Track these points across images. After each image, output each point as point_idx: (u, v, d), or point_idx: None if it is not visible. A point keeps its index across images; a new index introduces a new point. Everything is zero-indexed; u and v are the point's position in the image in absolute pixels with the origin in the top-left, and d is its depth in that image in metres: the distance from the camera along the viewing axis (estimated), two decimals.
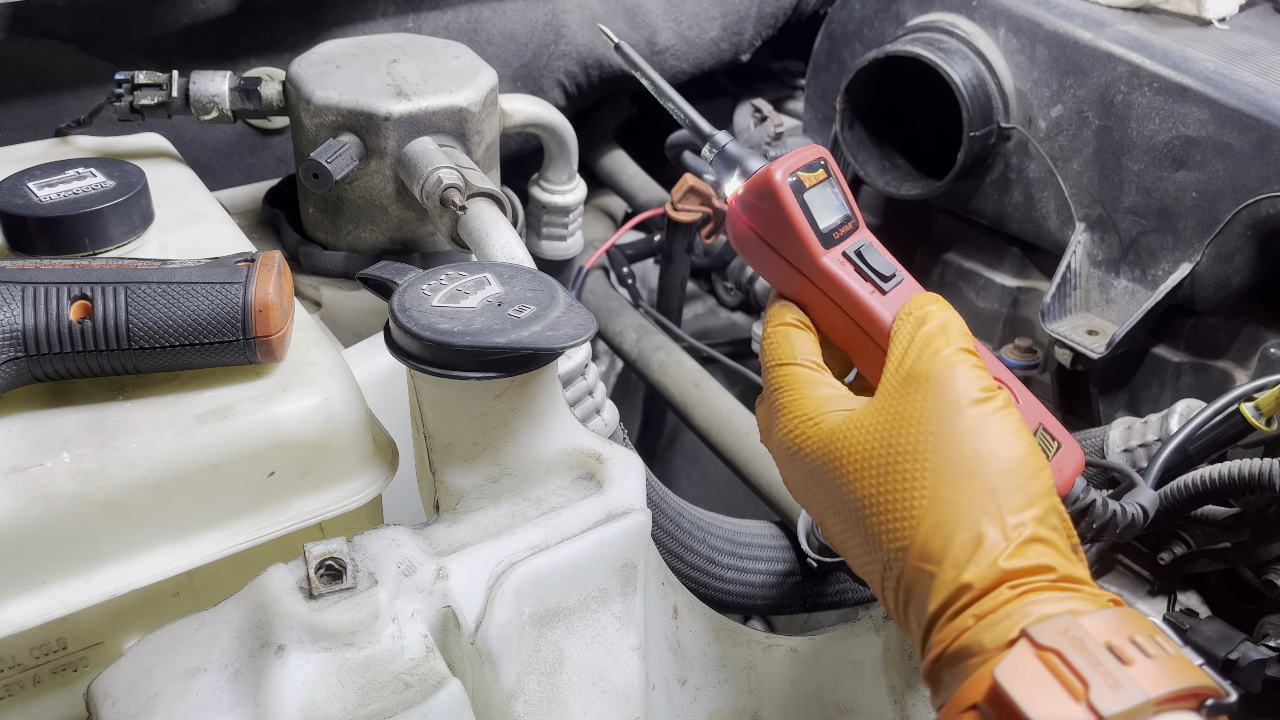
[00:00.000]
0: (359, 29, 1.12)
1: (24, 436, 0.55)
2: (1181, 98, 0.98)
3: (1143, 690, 0.39)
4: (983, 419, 0.47)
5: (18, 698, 0.56)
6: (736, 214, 0.58)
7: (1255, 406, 0.69)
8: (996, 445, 0.46)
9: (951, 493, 0.45)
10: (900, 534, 0.46)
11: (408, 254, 0.88)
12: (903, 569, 0.46)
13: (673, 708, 0.66)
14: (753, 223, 0.57)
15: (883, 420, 0.49)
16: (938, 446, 0.46)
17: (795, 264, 0.56)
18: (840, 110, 1.17)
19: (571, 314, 0.55)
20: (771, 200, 0.55)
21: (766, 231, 0.57)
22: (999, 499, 0.45)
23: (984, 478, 0.45)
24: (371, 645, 0.50)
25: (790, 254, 0.56)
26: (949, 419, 0.47)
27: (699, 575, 0.85)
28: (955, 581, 0.44)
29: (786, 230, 0.56)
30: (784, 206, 0.55)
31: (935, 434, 0.47)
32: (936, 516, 0.45)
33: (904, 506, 0.46)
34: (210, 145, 1.07)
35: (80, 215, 0.65)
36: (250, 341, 0.57)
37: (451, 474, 0.58)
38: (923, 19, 1.16)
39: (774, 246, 0.57)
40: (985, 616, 0.43)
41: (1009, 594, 0.43)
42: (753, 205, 0.57)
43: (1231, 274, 0.98)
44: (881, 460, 0.48)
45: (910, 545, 0.45)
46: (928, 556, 0.45)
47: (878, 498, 0.47)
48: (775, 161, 0.56)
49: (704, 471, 1.38)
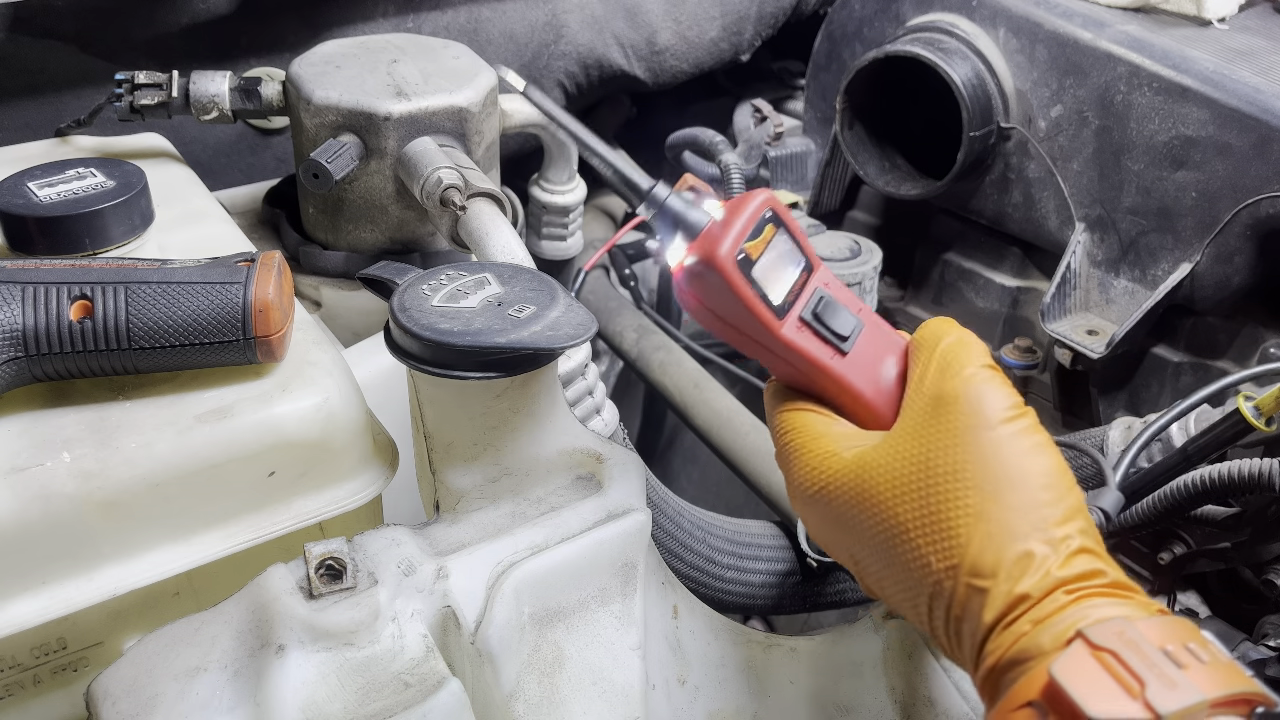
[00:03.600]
0: (359, 29, 1.12)
1: (24, 436, 0.55)
2: (1181, 98, 0.98)
3: (1199, 690, 0.39)
4: (1016, 436, 0.47)
5: (18, 697, 0.56)
6: (682, 288, 0.53)
7: (1255, 406, 0.69)
8: (1032, 461, 0.47)
9: (997, 509, 0.46)
10: (948, 553, 0.46)
11: (408, 254, 0.88)
12: (955, 588, 0.46)
13: (673, 708, 0.66)
14: (702, 298, 0.52)
15: (915, 444, 0.49)
16: (977, 465, 0.47)
17: (752, 336, 0.53)
18: (840, 110, 1.17)
19: (571, 314, 0.55)
20: (719, 281, 0.51)
21: (718, 307, 0.52)
22: (1043, 513, 0.45)
23: (1026, 492, 0.46)
24: (371, 645, 0.50)
25: (746, 329, 0.53)
26: (984, 437, 0.47)
27: (699, 575, 0.85)
28: (1011, 593, 0.44)
29: (738, 309, 0.51)
30: (734, 290, 0.51)
31: (973, 453, 0.47)
32: (985, 533, 0.45)
33: (949, 526, 0.46)
34: (210, 145, 1.07)
35: (80, 215, 0.65)
36: (250, 341, 0.57)
37: (451, 474, 0.58)
38: (923, 19, 1.16)
39: (728, 322, 0.53)
40: (1043, 621, 0.43)
41: (1064, 599, 0.43)
42: (700, 279, 0.51)
43: (1231, 274, 0.98)
44: (920, 483, 0.48)
45: (960, 563, 0.45)
46: (980, 572, 0.45)
47: (920, 520, 0.47)
48: (716, 229, 0.51)
49: (704, 471, 1.38)
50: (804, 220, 1.21)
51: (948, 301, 1.25)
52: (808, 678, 0.70)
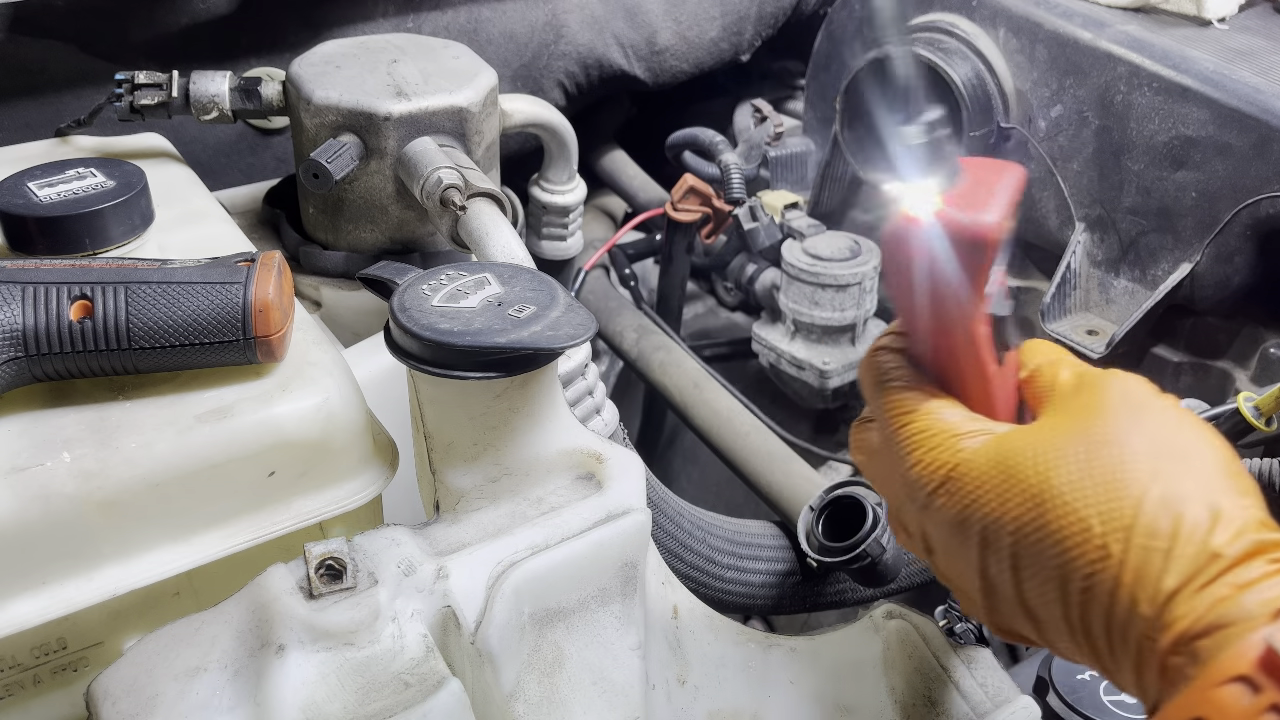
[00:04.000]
0: (359, 29, 1.12)
1: (24, 436, 0.55)
2: (1181, 98, 0.98)
3: None
4: (1181, 415, 0.45)
5: (18, 697, 0.56)
6: (911, 237, 0.44)
7: (1255, 406, 0.69)
8: (1199, 435, 0.44)
9: (1172, 471, 0.42)
10: (1115, 514, 0.42)
11: (408, 254, 0.88)
12: (1124, 553, 0.41)
13: (673, 707, 0.66)
14: (931, 258, 0.45)
15: (1067, 419, 0.45)
16: (1143, 435, 0.43)
17: (943, 315, 0.46)
18: (840, 110, 1.17)
19: (571, 314, 0.55)
20: (973, 252, 0.44)
21: (941, 274, 0.45)
22: (1221, 481, 0.42)
23: (1200, 462, 0.43)
24: (371, 645, 0.50)
25: (948, 307, 0.46)
26: (1148, 412, 0.45)
27: (699, 575, 0.85)
28: (1203, 552, 0.40)
29: (962, 288, 0.45)
30: (982, 268, 0.44)
31: (1138, 424, 0.44)
32: (1160, 494, 0.41)
33: (1117, 485, 0.42)
34: (210, 145, 1.07)
35: (80, 215, 0.65)
36: (250, 341, 0.57)
37: (451, 474, 0.58)
38: (922, 19, 1.16)
39: (935, 291, 0.46)
40: (1248, 586, 0.39)
41: (1268, 566, 0.39)
42: (950, 241, 0.44)
43: (1231, 274, 0.98)
44: (1079, 450, 0.43)
45: (1134, 524, 0.41)
46: (1156, 533, 0.41)
47: (1079, 484, 0.43)
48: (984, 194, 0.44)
49: (704, 471, 1.38)
50: (804, 220, 1.20)
51: None
52: (808, 678, 0.70)
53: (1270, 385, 0.72)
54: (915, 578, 0.88)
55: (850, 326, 1.15)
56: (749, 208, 1.19)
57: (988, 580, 0.46)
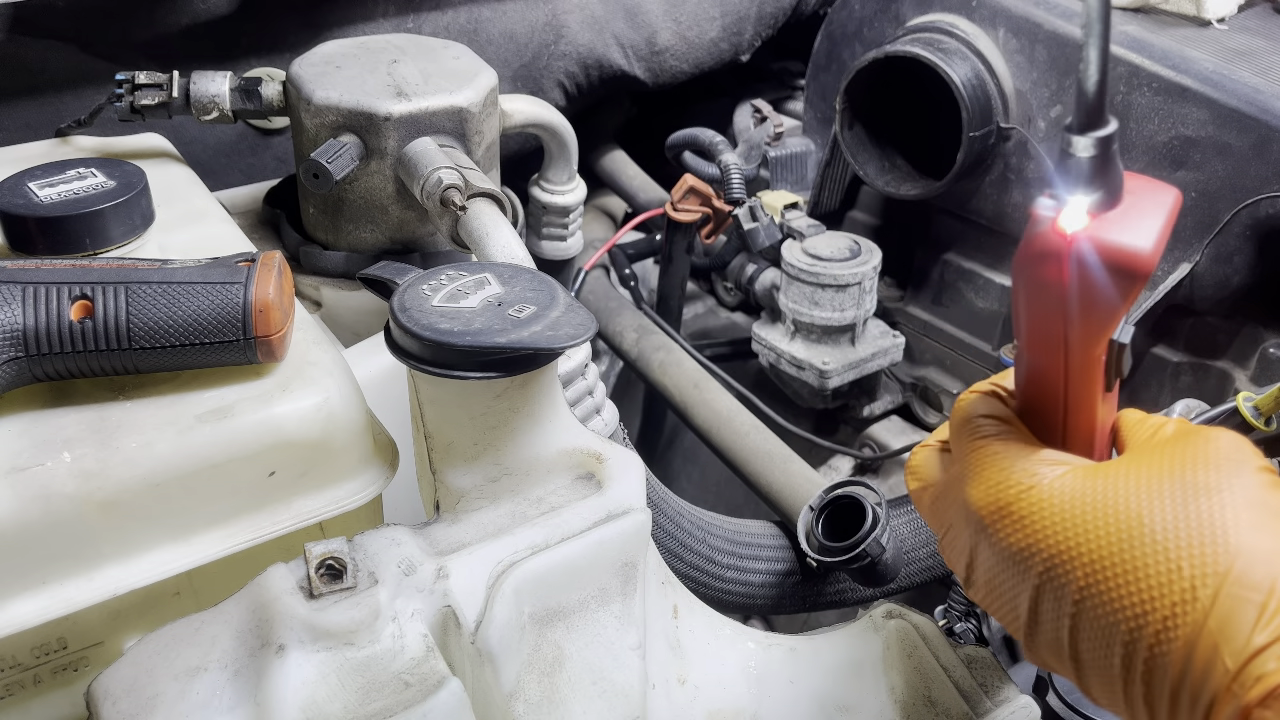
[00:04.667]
0: (359, 29, 1.12)
1: (24, 436, 0.55)
2: (1181, 98, 0.98)
3: None
4: (1271, 475, 0.43)
5: (18, 697, 0.56)
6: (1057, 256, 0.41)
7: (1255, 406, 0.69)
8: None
9: (1274, 527, 0.41)
10: (1211, 562, 0.40)
11: (408, 254, 0.88)
12: (1214, 599, 0.40)
13: (673, 707, 0.66)
14: (1080, 277, 0.42)
15: (1166, 462, 0.44)
16: (1245, 488, 0.42)
17: (1070, 336, 0.44)
18: (840, 110, 1.17)
19: (571, 314, 0.55)
20: (1121, 281, 0.41)
21: (1087, 295, 0.42)
22: None
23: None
24: (372, 645, 0.50)
25: (1079, 328, 0.44)
26: (1247, 469, 0.43)
27: (699, 575, 0.85)
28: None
29: (1102, 311, 0.42)
30: (1128, 295, 0.42)
31: (1237, 477, 0.42)
32: (1254, 544, 0.40)
33: (1215, 535, 0.41)
34: (210, 145, 1.07)
35: (80, 215, 0.66)
36: (251, 341, 0.57)
37: (451, 474, 0.58)
38: (922, 19, 1.16)
39: (1071, 312, 0.43)
40: None
41: None
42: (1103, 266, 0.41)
43: (1231, 274, 0.98)
44: (1179, 494, 0.42)
45: (1228, 570, 0.40)
46: (1253, 585, 0.39)
47: (1177, 525, 0.41)
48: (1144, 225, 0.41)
49: (704, 471, 1.38)
50: (804, 220, 1.21)
51: (948, 302, 1.25)
52: (808, 678, 0.70)
53: (1270, 385, 0.72)
54: (915, 578, 0.88)
55: (850, 326, 1.15)
56: (749, 208, 1.19)
57: (1036, 616, 0.45)
